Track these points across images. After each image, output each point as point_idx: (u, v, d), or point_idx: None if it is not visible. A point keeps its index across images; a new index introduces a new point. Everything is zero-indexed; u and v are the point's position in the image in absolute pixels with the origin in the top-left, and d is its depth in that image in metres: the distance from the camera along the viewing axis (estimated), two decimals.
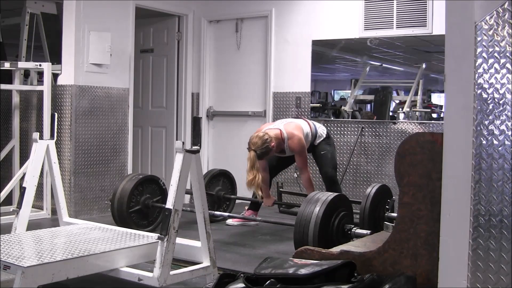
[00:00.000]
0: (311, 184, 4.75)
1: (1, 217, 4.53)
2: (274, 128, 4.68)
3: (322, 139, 4.86)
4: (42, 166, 4.09)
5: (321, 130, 4.91)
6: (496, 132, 2.04)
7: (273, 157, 4.89)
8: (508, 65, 2.02)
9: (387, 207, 4.09)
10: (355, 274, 2.54)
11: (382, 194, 4.22)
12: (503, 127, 2.03)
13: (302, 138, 4.68)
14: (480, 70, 2.07)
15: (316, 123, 4.98)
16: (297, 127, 4.72)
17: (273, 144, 4.53)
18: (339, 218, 3.64)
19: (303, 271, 2.46)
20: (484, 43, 2.07)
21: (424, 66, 5.77)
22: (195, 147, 3.23)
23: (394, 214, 3.90)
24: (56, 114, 4.54)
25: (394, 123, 5.61)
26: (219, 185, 5.32)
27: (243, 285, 2.46)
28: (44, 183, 5.22)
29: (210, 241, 3.32)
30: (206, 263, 3.31)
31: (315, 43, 6.00)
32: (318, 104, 6.19)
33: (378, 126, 5.67)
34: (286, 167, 5.32)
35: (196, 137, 3.27)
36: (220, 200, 5.29)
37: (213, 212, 4.61)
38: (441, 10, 4.72)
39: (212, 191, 5.16)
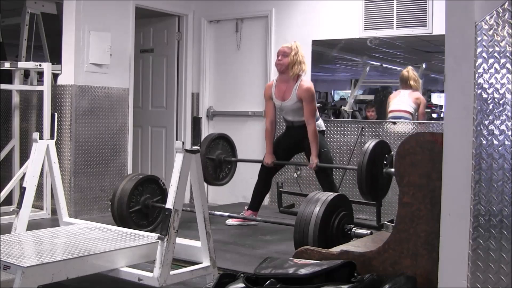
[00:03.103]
0: (317, 137, 4.74)
1: (1, 217, 4.53)
2: None
3: (320, 129, 4.88)
4: (42, 166, 4.10)
5: (321, 122, 4.98)
6: (496, 132, 2.04)
7: (280, 144, 4.97)
8: (508, 65, 2.02)
9: (385, 162, 3.94)
10: (355, 274, 2.54)
11: (380, 149, 4.12)
12: (503, 127, 2.03)
13: (313, 88, 4.77)
14: (480, 70, 2.07)
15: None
16: None
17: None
18: (339, 218, 3.64)
19: (303, 271, 2.46)
20: (484, 43, 2.07)
21: (424, 66, 5.77)
22: (195, 147, 3.23)
23: (393, 170, 3.68)
24: (56, 114, 4.54)
25: (394, 123, 5.61)
26: (219, 149, 5.32)
27: (243, 285, 2.46)
28: (44, 183, 5.22)
29: (210, 241, 3.32)
30: (206, 263, 3.32)
31: (315, 43, 5.99)
32: (318, 104, 6.18)
33: (378, 126, 5.66)
34: (289, 157, 5.22)
35: (196, 137, 3.28)
36: (222, 163, 5.31)
37: (213, 212, 4.61)
38: (441, 10, 4.74)
39: (212, 155, 5.17)
